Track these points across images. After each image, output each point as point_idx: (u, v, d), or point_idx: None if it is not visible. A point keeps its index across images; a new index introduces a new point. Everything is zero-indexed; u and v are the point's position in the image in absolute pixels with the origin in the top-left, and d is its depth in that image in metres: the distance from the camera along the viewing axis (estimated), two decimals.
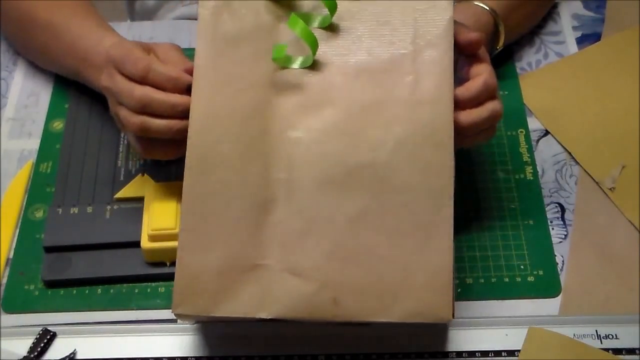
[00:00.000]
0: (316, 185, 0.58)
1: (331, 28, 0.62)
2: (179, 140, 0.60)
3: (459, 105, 0.61)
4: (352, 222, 0.57)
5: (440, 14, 0.62)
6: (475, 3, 0.74)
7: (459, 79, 0.64)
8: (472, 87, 0.62)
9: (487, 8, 0.74)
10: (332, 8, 0.61)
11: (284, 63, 0.61)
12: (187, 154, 0.58)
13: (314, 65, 0.61)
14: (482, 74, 0.62)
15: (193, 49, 0.60)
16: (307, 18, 0.62)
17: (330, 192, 0.58)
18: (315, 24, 0.62)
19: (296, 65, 0.61)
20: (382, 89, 0.60)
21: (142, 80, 0.61)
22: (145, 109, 0.61)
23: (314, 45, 0.60)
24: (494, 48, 0.76)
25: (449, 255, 0.56)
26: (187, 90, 0.60)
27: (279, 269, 0.56)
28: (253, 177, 0.58)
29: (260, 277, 0.56)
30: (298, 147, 0.59)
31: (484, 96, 0.62)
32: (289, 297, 0.56)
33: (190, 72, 0.61)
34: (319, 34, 0.61)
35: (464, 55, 0.64)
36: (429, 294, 0.56)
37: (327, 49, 0.61)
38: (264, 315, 0.55)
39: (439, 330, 0.64)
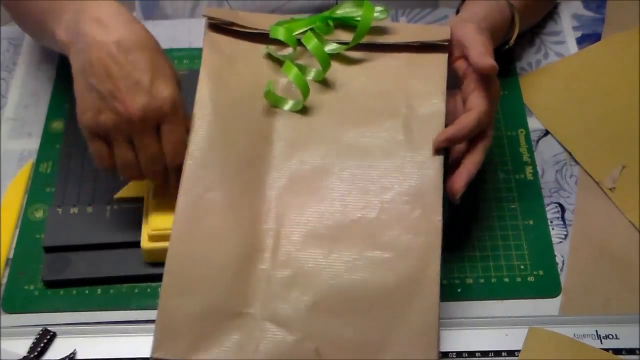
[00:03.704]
0: (304, 237, 0.59)
1: (325, 82, 0.65)
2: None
3: (451, 142, 0.62)
4: (337, 276, 0.58)
5: (435, 69, 0.65)
6: None
7: (452, 93, 0.66)
8: (464, 126, 0.62)
9: (506, 0, 0.73)
10: (325, 64, 0.64)
11: (275, 102, 0.63)
12: (179, 199, 0.59)
13: (304, 112, 0.63)
14: (477, 108, 0.62)
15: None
16: (302, 69, 0.64)
17: (318, 245, 0.59)
18: (310, 76, 0.65)
19: (287, 107, 0.63)
20: (371, 151, 0.62)
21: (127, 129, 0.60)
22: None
23: (305, 89, 0.62)
24: (507, 42, 0.76)
25: (433, 314, 0.57)
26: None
27: (262, 317, 0.56)
28: (242, 226, 0.59)
29: (243, 325, 0.56)
30: (288, 199, 0.60)
31: (476, 133, 0.63)
32: (272, 346, 0.56)
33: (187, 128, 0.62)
34: (312, 86, 0.63)
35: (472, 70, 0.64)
36: (413, 350, 0.56)
37: (318, 99, 0.64)
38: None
39: None
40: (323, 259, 0.58)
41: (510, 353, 0.63)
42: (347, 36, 0.66)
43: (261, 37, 0.66)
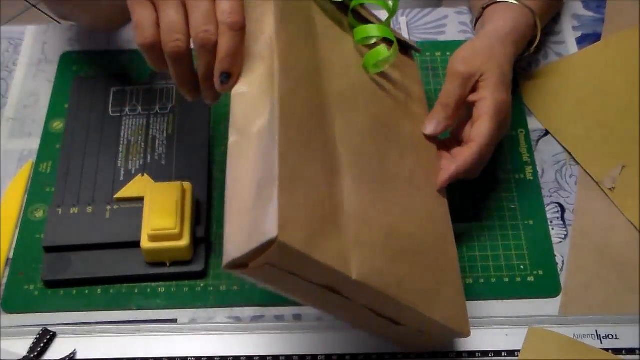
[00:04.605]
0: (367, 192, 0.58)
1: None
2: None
3: (455, 179, 0.63)
4: (396, 225, 0.58)
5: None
6: (510, 1, 0.72)
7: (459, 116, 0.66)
8: (466, 161, 0.63)
9: (528, 7, 0.73)
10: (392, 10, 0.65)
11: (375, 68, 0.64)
12: (281, 107, 0.53)
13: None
14: (479, 140, 0.63)
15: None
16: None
17: (375, 194, 0.58)
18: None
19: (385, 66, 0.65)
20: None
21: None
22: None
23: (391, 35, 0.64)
24: (528, 49, 0.75)
25: (460, 289, 0.60)
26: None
27: (354, 233, 0.54)
28: (321, 141, 0.56)
29: (341, 236, 0.53)
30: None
31: (479, 165, 0.64)
32: (367, 266, 0.53)
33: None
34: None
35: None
36: (455, 308, 0.58)
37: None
38: (349, 273, 0.51)
39: None
40: (382, 205, 0.57)
41: (510, 353, 0.63)
42: None
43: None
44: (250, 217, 0.49)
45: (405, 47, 0.72)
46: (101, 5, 0.69)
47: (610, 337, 0.63)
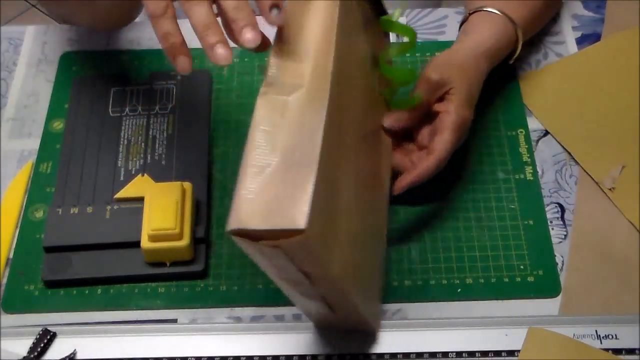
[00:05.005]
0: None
1: None
2: None
3: (410, 187, 0.67)
4: None
5: None
6: (494, 11, 0.74)
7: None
8: (424, 172, 0.66)
9: (510, 19, 0.74)
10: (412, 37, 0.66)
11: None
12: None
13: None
14: (437, 154, 0.66)
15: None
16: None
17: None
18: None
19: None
20: None
21: None
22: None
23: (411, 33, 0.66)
24: (510, 58, 0.76)
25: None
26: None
27: (343, 231, 0.55)
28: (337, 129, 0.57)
29: (336, 234, 0.54)
30: None
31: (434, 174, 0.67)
32: (341, 262, 0.54)
33: None
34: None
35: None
36: (376, 307, 0.63)
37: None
38: (332, 270, 0.52)
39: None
40: (360, 200, 0.59)
41: (510, 353, 0.63)
42: None
43: None
44: (276, 188, 0.48)
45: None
46: (99, 6, 0.69)
47: (610, 337, 0.63)
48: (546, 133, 0.77)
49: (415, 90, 0.68)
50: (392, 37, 0.78)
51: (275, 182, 0.49)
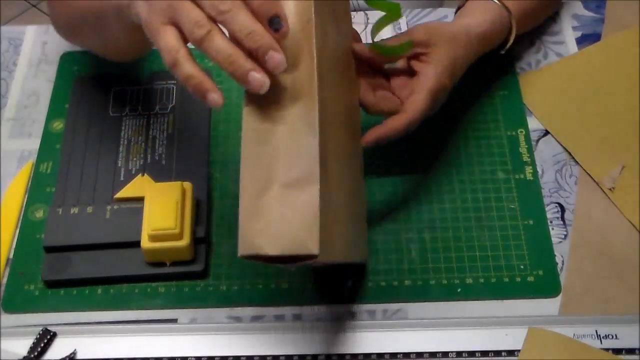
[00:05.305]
0: None
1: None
2: None
3: (378, 143, 0.65)
4: None
5: None
6: (495, 1, 0.74)
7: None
8: (394, 129, 0.65)
9: (506, 7, 0.74)
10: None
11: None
12: None
13: None
14: (410, 114, 0.65)
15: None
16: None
17: None
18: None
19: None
20: None
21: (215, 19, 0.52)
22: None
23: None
24: (503, 46, 0.76)
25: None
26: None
27: (330, 219, 0.55)
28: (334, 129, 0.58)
29: (332, 232, 0.55)
30: None
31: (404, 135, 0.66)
32: (322, 243, 0.53)
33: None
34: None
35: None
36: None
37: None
38: (316, 252, 0.51)
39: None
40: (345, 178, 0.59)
41: (510, 353, 0.63)
42: None
43: None
44: (281, 207, 0.50)
45: None
46: (110, 40, 0.69)
47: (610, 337, 0.63)
48: (546, 133, 0.77)
49: (397, 39, 0.67)
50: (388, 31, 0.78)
51: (278, 201, 0.50)
